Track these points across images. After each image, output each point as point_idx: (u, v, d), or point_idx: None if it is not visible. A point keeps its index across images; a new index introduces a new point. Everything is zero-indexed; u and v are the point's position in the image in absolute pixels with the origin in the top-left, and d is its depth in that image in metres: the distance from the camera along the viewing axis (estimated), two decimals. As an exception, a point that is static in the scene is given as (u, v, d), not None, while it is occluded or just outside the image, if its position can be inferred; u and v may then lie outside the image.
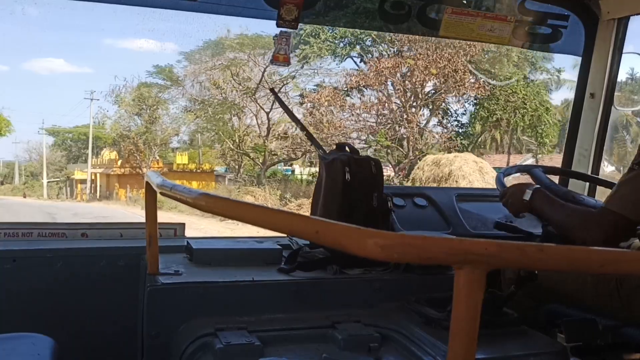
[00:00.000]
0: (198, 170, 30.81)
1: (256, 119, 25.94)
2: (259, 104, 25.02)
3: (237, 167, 27.53)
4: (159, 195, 1.48)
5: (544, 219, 1.90)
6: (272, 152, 25.86)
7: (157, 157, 29.61)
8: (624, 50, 2.56)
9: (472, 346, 0.85)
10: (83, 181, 35.90)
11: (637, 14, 2.57)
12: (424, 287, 1.82)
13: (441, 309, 1.62)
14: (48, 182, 40.83)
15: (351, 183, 2.04)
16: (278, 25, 2.28)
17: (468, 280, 0.84)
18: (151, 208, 1.67)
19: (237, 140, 26.16)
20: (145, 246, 1.71)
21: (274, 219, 0.97)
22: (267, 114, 25.13)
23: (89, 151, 35.26)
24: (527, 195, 1.83)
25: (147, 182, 1.60)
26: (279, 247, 2.01)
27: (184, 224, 2.18)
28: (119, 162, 31.32)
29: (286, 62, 2.40)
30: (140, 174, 27.57)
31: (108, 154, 34.13)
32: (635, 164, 1.63)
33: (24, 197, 39.87)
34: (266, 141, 25.29)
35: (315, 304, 1.75)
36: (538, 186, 1.86)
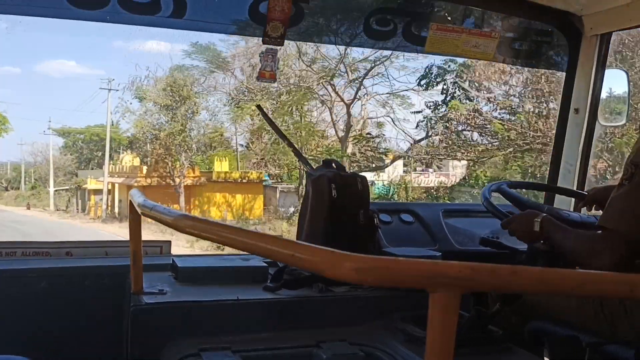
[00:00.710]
0: (244, 181, 24.22)
1: (331, 114, 20.18)
2: (337, 92, 19.34)
3: (286, 175, 22.16)
4: None
5: (555, 247, 1.89)
6: (352, 157, 20.11)
7: (191, 163, 23.25)
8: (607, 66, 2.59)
9: (447, 368, 0.85)
10: (98, 192, 29.78)
11: (620, 30, 2.61)
12: (409, 304, 1.81)
13: (425, 327, 1.62)
14: (56, 190, 36.62)
15: (337, 200, 2.04)
16: (264, 42, 2.30)
17: (442, 303, 0.84)
18: (135, 226, 1.66)
19: (303, 141, 19.60)
20: (130, 264, 1.71)
21: (250, 241, 0.97)
22: (348, 106, 19.60)
23: (106, 155, 28.72)
24: (537, 226, 1.83)
25: (130, 202, 1.60)
26: (264, 264, 2.00)
27: (169, 242, 2.18)
28: (144, 170, 24.96)
29: (272, 79, 2.41)
30: (171, 186, 22.05)
31: (130, 160, 28.09)
32: (624, 179, 1.63)
33: (28, 208, 36.48)
34: (347, 143, 19.74)
35: (301, 323, 1.75)
36: (544, 214, 1.86)
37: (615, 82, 2.62)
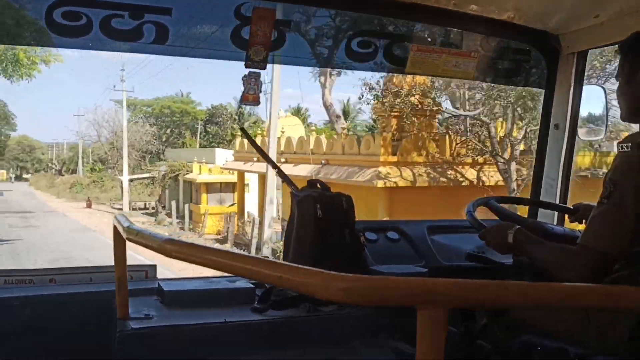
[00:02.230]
0: None
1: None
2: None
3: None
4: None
5: (528, 259, 1.92)
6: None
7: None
8: (584, 83, 2.64)
9: (437, 386, 0.85)
10: (214, 187, 17.61)
11: (596, 48, 2.67)
12: (398, 322, 1.81)
13: (415, 344, 1.62)
14: (132, 180, 24.40)
15: (323, 220, 2.05)
16: (247, 66, 2.31)
17: (430, 320, 0.85)
18: (120, 251, 1.65)
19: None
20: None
21: (237, 264, 0.97)
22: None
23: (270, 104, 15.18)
24: (510, 238, 1.85)
25: (114, 227, 1.59)
26: (252, 285, 1.99)
27: (155, 266, 2.16)
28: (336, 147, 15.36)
29: (255, 102, 2.42)
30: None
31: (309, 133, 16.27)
32: (603, 197, 1.65)
33: (88, 205, 26.95)
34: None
35: (289, 343, 1.74)
36: (518, 227, 1.88)
37: (593, 98, 2.67)
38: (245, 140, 17.28)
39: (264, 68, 2.31)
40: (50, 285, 1.99)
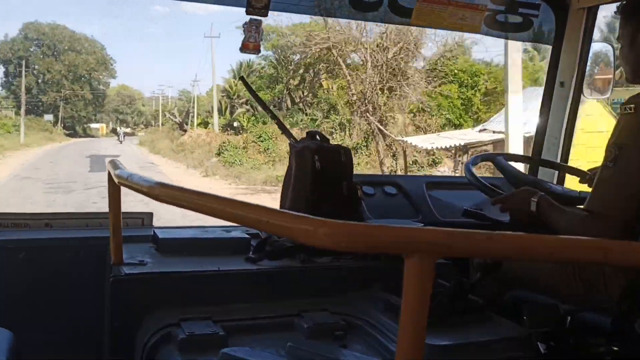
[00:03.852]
0: None
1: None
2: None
3: None
4: None
5: (550, 227, 1.88)
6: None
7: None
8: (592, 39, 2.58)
9: (421, 333, 0.86)
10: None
11: (606, 3, 2.59)
12: (391, 274, 1.82)
13: None
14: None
15: (321, 171, 2.03)
16: (248, 13, 2.26)
17: (417, 269, 0.84)
18: (114, 197, 1.65)
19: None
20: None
21: (226, 209, 0.96)
22: None
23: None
24: (533, 206, 1.81)
25: (108, 172, 1.58)
26: (247, 236, 2.00)
27: (151, 213, 2.16)
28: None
29: (256, 50, 2.38)
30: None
31: None
32: (609, 161, 1.61)
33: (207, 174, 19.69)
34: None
35: (283, 293, 1.75)
36: (541, 194, 1.84)
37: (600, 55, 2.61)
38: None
39: (266, 15, 2.25)
40: (46, 230, 2.00)
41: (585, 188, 2.21)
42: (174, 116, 36.47)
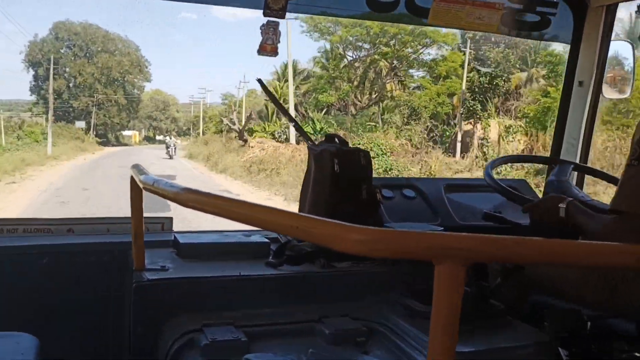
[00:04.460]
0: None
1: None
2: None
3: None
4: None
5: (579, 232, 1.86)
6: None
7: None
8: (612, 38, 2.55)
9: (452, 341, 0.85)
10: None
11: (626, 1, 2.56)
12: (411, 279, 1.81)
13: (427, 302, 1.62)
14: None
15: (340, 175, 2.03)
16: (265, 15, 2.26)
17: (448, 275, 0.83)
18: (137, 203, 1.66)
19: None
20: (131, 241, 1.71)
21: (253, 214, 0.96)
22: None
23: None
24: (562, 212, 1.79)
25: (131, 177, 1.59)
26: (267, 240, 2.00)
27: (171, 218, 2.17)
28: None
29: (274, 52, 2.38)
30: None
31: None
32: (634, 159, 1.58)
33: None
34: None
35: (303, 298, 1.75)
36: (570, 199, 1.81)
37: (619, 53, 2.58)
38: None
39: (283, 17, 2.25)
40: (68, 235, 2.01)
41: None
42: (232, 122, 29.94)
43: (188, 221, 8.48)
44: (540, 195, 2.37)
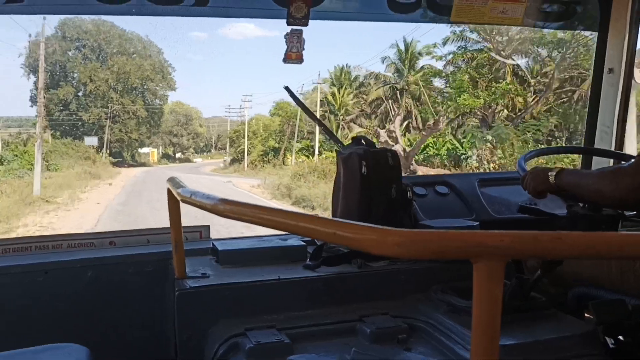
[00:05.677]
0: None
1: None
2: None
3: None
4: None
5: (573, 195, 1.87)
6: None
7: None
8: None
9: (495, 337, 0.86)
10: None
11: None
12: (449, 275, 1.82)
13: (467, 297, 1.63)
14: None
15: (369, 176, 2.04)
16: (288, 24, 2.29)
17: (487, 273, 0.84)
18: (175, 214, 1.70)
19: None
20: (172, 250, 1.75)
21: (291, 222, 0.98)
22: None
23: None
24: (552, 178, 1.81)
25: (168, 189, 1.64)
26: (303, 243, 2.03)
27: (208, 226, 2.22)
28: None
29: (299, 60, 2.41)
30: None
31: None
32: None
33: None
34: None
35: (342, 299, 1.77)
36: (560, 168, 1.84)
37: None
38: None
39: (306, 25, 2.29)
40: (110, 248, 2.08)
41: None
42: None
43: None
44: None
